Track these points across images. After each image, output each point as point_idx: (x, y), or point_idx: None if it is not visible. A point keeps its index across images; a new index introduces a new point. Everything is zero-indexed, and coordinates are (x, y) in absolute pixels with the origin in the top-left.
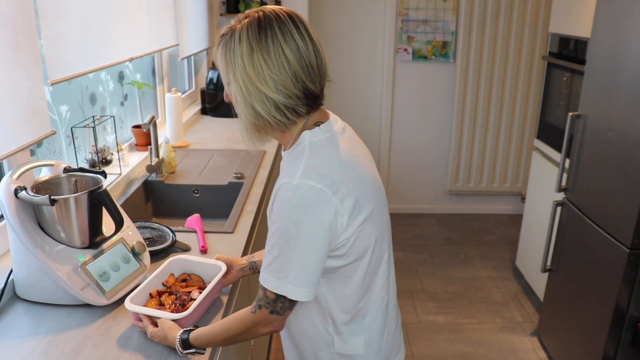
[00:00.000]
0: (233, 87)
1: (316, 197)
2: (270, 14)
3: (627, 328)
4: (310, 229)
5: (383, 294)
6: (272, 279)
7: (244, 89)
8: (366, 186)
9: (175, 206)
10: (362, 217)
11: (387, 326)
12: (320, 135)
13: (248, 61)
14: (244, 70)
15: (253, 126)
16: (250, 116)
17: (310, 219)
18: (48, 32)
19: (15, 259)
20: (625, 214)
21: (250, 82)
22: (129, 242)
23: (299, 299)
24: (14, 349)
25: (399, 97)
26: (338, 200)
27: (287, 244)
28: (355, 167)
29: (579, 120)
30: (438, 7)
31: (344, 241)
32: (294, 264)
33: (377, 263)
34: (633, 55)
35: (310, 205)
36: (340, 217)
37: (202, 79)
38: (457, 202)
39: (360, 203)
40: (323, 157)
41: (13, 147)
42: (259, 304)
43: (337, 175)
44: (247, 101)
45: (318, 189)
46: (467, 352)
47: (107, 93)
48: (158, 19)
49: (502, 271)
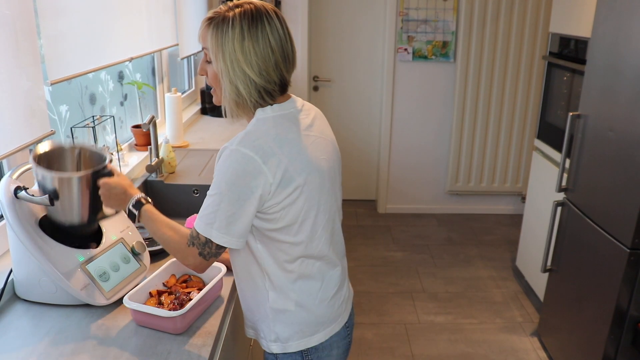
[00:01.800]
0: (219, 66)
1: (247, 163)
2: (261, 8)
3: (628, 328)
4: (238, 189)
5: (319, 264)
6: (201, 223)
7: (230, 70)
8: (301, 162)
9: (175, 206)
10: (291, 188)
11: (322, 293)
12: (270, 114)
13: (239, 46)
14: (234, 53)
15: (233, 102)
16: (233, 94)
17: (239, 180)
18: (48, 32)
19: (15, 259)
20: (626, 214)
21: (237, 65)
22: (128, 242)
23: (222, 244)
24: (14, 349)
25: (399, 97)
26: (267, 169)
27: (220, 197)
28: (291, 143)
29: (579, 120)
30: (438, 6)
31: (272, 206)
32: (221, 214)
33: (311, 235)
34: (633, 55)
35: (240, 169)
36: (267, 185)
37: (201, 79)
38: (457, 202)
39: (290, 175)
40: (262, 131)
41: (12, 147)
42: (192, 241)
43: (269, 147)
44: (232, 80)
45: (249, 157)
46: (468, 352)
47: (107, 93)
48: (158, 19)
49: (503, 271)
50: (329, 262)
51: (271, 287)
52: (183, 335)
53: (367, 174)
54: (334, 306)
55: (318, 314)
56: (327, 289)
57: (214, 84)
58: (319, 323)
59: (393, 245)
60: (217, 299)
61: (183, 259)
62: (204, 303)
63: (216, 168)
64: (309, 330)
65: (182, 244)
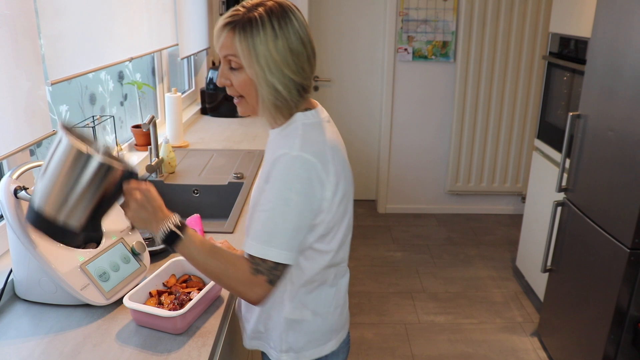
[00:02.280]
0: (254, 70)
1: (311, 170)
2: (284, 4)
3: (628, 328)
4: (302, 198)
5: (334, 271)
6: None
7: (267, 73)
8: (345, 170)
9: (175, 206)
10: (339, 196)
11: (336, 300)
12: (312, 119)
13: (273, 46)
14: (269, 54)
15: (273, 105)
16: (272, 97)
17: (304, 188)
18: (48, 31)
19: (15, 259)
20: (626, 213)
21: (275, 66)
22: (128, 242)
23: (283, 261)
24: (14, 349)
25: (399, 97)
26: (325, 176)
27: (285, 208)
28: (339, 151)
29: (579, 120)
30: (438, 6)
31: (322, 215)
32: (281, 228)
33: (340, 243)
34: (633, 55)
35: (305, 176)
36: (326, 192)
37: (201, 79)
38: (457, 202)
39: (340, 183)
40: (315, 136)
41: (13, 147)
42: (256, 268)
43: (325, 154)
44: (269, 83)
45: (313, 163)
46: (468, 353)
47: (107, 93)
48: (158, 19)
49: (503, 271)
50: (342, 268)
51: (289, 298)
52: (183, 336)
53: (367, 174)
54: (344, 312)
55: (332, 321)
56: (339, 295)
57: (245, 91)
58: (332, 331)
59: (393, 245)
60: (217, 299)
61: (247, 291)
62: (204, 303)
63: (274, 177)
64: (323, 338)
65: (244, 276)
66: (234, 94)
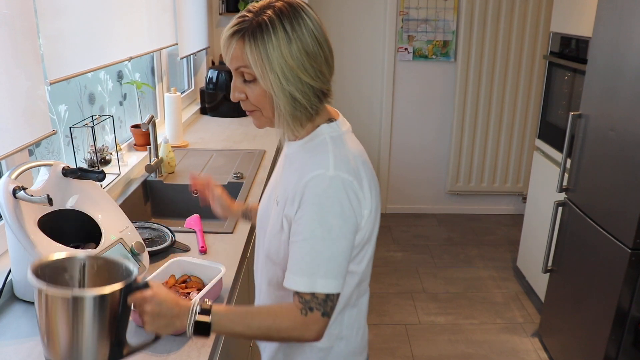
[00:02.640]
0: (269, 80)
1: (350, 189)
2: (293, 2)
3: (629, 329)
4: (344, 221)
5: (363, 290)
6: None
7: (283, 81)
8: (375, 183)
9: (175, 206)
10: (371, 212)
11: (358, 322)
12: (338, 131)
13: (287, 51)
14: (284, 61)
15: (291, 116)
16: (290, 107)
17: (345, 210)
18: (47, 31)
19: (14, 260)
20: (627, 214)
21: (291, 73)
22: (128, 243)
23: (336, 291)
24: (13, 349)
25: (400, 97)
26: (362, 193)
27: (322, 236)
28: (368, 164)
29: (580, 119)
30: (439, 6)
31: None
32: (326, 257)
33: (369, 261)
34: (634, 54)
35: (344, 197)
36: (364, 210)
37: (201, 79)
38: (458, 202)
39: (373, 198)
40: (346, 151)
41: (12, 147)
42: (308, 307)
43: (359, 170)
44: (286, 92)
45: (350, 181)
46: (468, 353)
47: (106, 92)
48: (157, 18)
49: (503, 271)
50: (364, 287)
51: None
52: (183, 336)
53: None
54: (365, 334)
55: (355, 344)
56: (361, 316)
57: (261, 103)
58: (355, 354)
59: (393, 245)
60: (217, 299)
61: (303, 333)
62: None
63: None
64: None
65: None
66: (249, 108)
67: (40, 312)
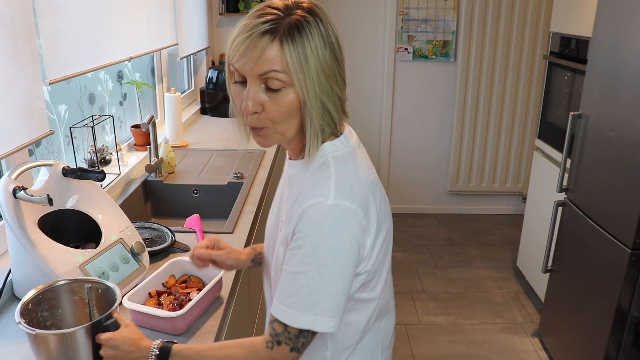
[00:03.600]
0: (306, 88)
1: (351, 219)
2: (318, 5)
3: (629, 329)
4: (344, 254)
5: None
6: (294, 312)
7: (318, 87)
8: (385, 205)
9: (175, 206)
10: (381, 239)
11: (382, 343)
12: (342, 149)
13: (322, 56)
14: (320, 67)
15: (321, 129)
16: (321, 120)
17: (345, 243)
18: (47, 31)
19: (14, 260)
20: (627, 214)
21: (326, 81)
22: (128, 243)
23: (326, 331)
24: (13, 349)
25: (400, 97)
26: (367, 222)
27: (318, 271)
28: (377, 185)
29: (580, 119)
30: (439, 6)
31: (364, 264)
32: (323, 292)
33: (385, 282)
34: (634, 54)
35: (345, 228)
36: (367, 240)
37: (201, 79)
38: (458, 202)
39: (381, 224)
40: (350, 174)
41: (11, 147)
42: (277, 340)
43: (364, 195)
44: (319, 100)
45: (352, 210)
46: (468, 353)
47: (106, 93)
48: (157, 18)
49: (503, 271)
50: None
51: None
52: (182, 336)
53: None
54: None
55: None
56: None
57: (283, 116)
58: None
59: (393, 245)
60: (217, 300)
61: None
62: (203, 303)
63: (306, 232)
64: None
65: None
66: (261, 124)
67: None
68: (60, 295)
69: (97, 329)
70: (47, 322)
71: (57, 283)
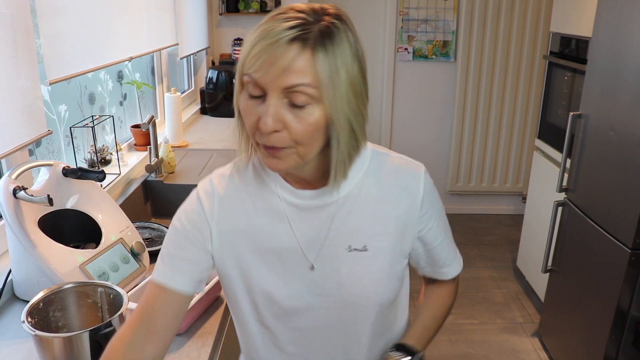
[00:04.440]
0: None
1: None
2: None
3: (629, 329)
4: None
5: None
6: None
7: (347, 109)
8: None
9: (175, 206)
10: None
11: None
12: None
13: (351, 69)
14: (348, 81)
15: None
16: (348, 143)
17: None
18: (46, 31)
19: (14, 259)
20: (627, 214)
21: (355, 97)
22: (128, 243)
23: None
24: (13, 349)
25: (400, 97)
26: None
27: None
28: None
29: (580, 120)
30: (439, 6)
31: None
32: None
33: None
34: (634, 54)
35: None
36: None
37: (201, 79)
38: (458, 202)
39: None
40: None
41: (10, 147)
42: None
43: None
44: (347, 120)
45: None
46: (468, 353)
47: (106, 93)
48: (157, 18)
49: (503, 271)
50: None
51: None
52: (183, 336)
53: None
54: None
55: None
56: None
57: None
58: None
59: None
60: (217, 299)
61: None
62: (203, 303)
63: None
64: None
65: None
66: (284, 144)
67: None
68: (72, 297)
69: (96, 335)
70: (59, 322)
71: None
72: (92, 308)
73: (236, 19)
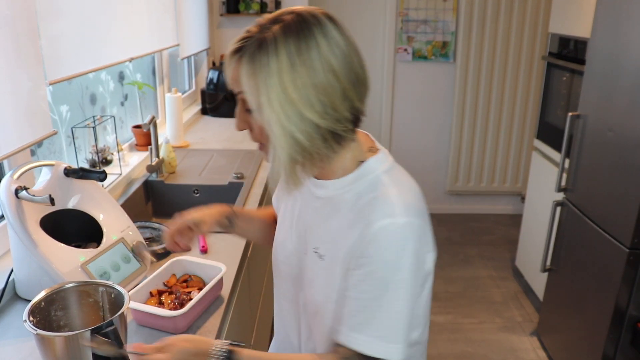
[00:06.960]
0: (266, 113)
1: (421, 236)
2: (306, 15)
3: (627, 328)
4: (416, 274)
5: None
6: (369, 339)
7: (283, 116)
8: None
9: (176, 206)
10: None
11: None
12: (388, 162)
13: (289, 80)
14: (284, 92)
15: (291, 161)
16: (291, 149)
17: (418, 262)
18: (48, 32)
19: (16, 259)
20: (625, 214)
21: (292, 107)
22: (129, 242)
23: (397, 358)
24: (15, 348)
25: (399, 97)
26: (431, 237)
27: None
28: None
29: (579, 120)
30: (438, 7)
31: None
32: (396, 317)
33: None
34: (633, 55)
35: (416, 247)
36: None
37: (202, 79)
38: (457, 202)
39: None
40: (408, 188)
41: (14, 147)
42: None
43: (424, 207)
44: (286, 131)
45: (421, 226)
46: (467, 352)
47: (108, 93)
48: (158, 19)
49: (502, 271)
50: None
51: None
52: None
53: None
54: None
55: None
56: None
57: (263, 138)
58: None
59: None
60: (217, 299)
61: None
62: (204, 303)
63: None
64: None
65: None
66: (256, 141)
67: None
68: (74, 297)
69: (97, 334)
70: (61, 321)
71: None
72: (94, 307)
73: (237, 20)
